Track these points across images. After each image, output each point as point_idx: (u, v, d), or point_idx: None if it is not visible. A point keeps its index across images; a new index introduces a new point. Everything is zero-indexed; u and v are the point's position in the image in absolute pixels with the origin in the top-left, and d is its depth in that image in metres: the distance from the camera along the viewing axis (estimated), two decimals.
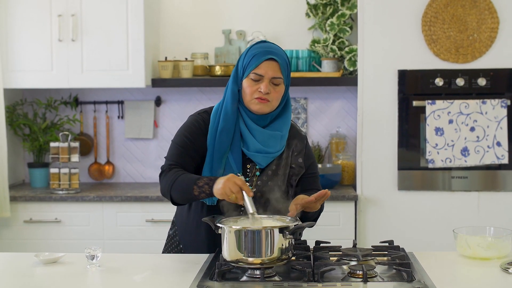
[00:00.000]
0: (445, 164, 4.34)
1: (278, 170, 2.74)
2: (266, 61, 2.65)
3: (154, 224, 4.41)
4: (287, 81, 2.72)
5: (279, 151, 2.74)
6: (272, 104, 2.69)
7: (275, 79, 2.66)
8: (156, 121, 5.00)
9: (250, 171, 2.74)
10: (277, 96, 2.69)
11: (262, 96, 2.66)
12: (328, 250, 2.63)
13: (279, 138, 2.73)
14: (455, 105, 4.33)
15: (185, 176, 2.61)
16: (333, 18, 4.69)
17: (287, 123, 2.76)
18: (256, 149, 2.70)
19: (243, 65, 2.69)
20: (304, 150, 2.83)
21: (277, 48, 2.71)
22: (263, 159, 2.71)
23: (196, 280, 2.32)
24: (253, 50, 2.69)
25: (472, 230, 2.72)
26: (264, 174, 2.73)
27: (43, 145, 4.83)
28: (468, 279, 2.45)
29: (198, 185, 2.55)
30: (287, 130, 2.76)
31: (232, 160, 2.69)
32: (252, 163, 2.74)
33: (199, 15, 4.95)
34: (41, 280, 2.45)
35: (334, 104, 4.94)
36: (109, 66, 4.59)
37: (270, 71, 2.65)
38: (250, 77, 2.66)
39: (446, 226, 4.25)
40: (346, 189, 4.58)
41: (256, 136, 2.71)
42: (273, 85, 2.67)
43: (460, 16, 4.34)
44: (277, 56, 2.67)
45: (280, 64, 2.66)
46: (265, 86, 2.65)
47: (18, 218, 4.48)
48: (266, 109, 2.69)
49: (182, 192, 2.60)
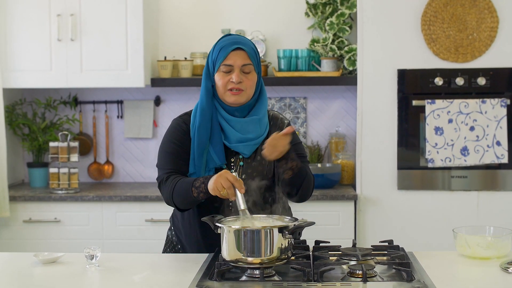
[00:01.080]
0: (444, 164, 4.34)
1: (262, 160, 2.74)
2: (234, 51, 2.69)
3: (153, 224, 4.41)
4: (258, 69, 2.75)
5: (261, 135, 2.74)
6: (247, 92, 2.72)
7: (245, 67, 2.69)
8: (155, 121, 5.00)
9: (235, 164, 2.75)
10: (250, 84, 2.71)
11: (235, 86, 2.68)
12: (327, 249, 2.62)
13: (257, 122, 2.74)
14: (455, 105, 4.32)
15: (182, 181, 2.64)
16: (333, 18, 4.68)
17: (263, 107, 2.77)
18: (237, 139, 2.72)
19: (212, 59, 2.73)
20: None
21: (242, 38, 2.75)
22: (245, 148, 2.73)
23: (196, 280, 2.31)
24: (219, 43, 2.73)
25: (471, 229, 2.72)
26: (249, 165, 2.74)
27: (42, 145, 4.82)
28: (468, 278, 2.45)
29: (195, 186, 2.59)
30: (263, 113, 2.77)
31: (214, 152, 2.71)
32: (236, 155, 2.75)
33: (198, 14, 4.94)
34: (40, 280, 2.45)
35: (333, 103, 4.94)
36: (108, 66, 4.58)
37: (239, 59, 2.69)
38: (221, 69, 2.70)
39: (445, 226, 4.25)
40: (345, 188, 4.58)
41: (234, 126, 2.73)
42: (244, 74, 2.70)
43: (459, 15, 4.34)
44: (244, 45, 2.71)
45: (248, 52, 2.70)
46: (236, 76, 2.68)
47: (18, 218, 4.48)
48: (241, 99, 2.72)
49: (183, 197, 2.63)
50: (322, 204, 4.37)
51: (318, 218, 4.16)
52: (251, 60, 2.70)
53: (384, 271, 2.43)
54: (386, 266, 2.46)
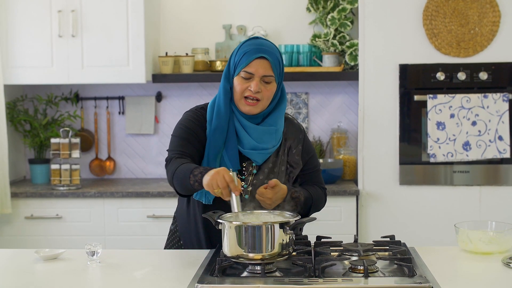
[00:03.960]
0: (446, 159, 4.33)
1: (274, 167, 2.72)
2: (257, 59, 2.62)
3: (155, 220, 4.41)
4: (279, 79, 2.68)
5: (275, 146, 2.71)
6: (262, 103, 2.66)
7: (266, 77, 2.63)
8: (157, 117, 5.00)
9: (246, 169, 2.72)
10: (268, 94, 2.65)
11: (252, 95, 2.62)
12: (329, 245, 2.62)
13: (273, 133, 2.70)
14: (457, 99, 4.32)
15: (185, 165, 2.54)
16: (334, 13, 4.67)
17: (280, 117, 2.73)
18: (251, 146, 2.67)
19: (234, 62, 2.66)
20: (302, 145, 2.78)
21: (269, 45, 2.67)
22: (258, 155, 2.68)
23: (197, 276, 2.31)
24: (244, 47, 2.65)
25: (473, 224, 2.71)
26: (261, 172, 2.71)
27: (44, 141, 4.82)
28: (470, 273, 2.44)
29: (193, 173, 2.49)
30: (281, 124, 2.73)
31: (227, 158, 2.67)
32: (248, 161, 2.71)
33: (200, 10, 4.94)
34: (42, 277, 2.45)
35: (335, 98, 4.93)
36: (109, 62, 4.58)
37: (261, 69, 2.62)
38: (241, 75, 2.63)
39: (447, 221, 4.24)
40: (347, 184, 4.58)
41: (250, 133, 2.68)
42: (264, 84, 2.64)
43: (461, 9, 4.33)
44: (269, 54, 2.63)
45: (271, 62, 2.63)
46: (255, 85, 2.62)
47: (19, 214, 4.48)
48: (256, 110, 2.66)
49: (181, 181, 2.54)
50: None
51: (319, 213, 4.13)
52: (273, 71, 2.63)
53: (385, 267, 2.42)
54: (387, 262, 2.46)
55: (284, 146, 2.76)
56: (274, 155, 2.73)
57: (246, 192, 2.70)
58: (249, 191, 2.69)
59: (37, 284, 2.37)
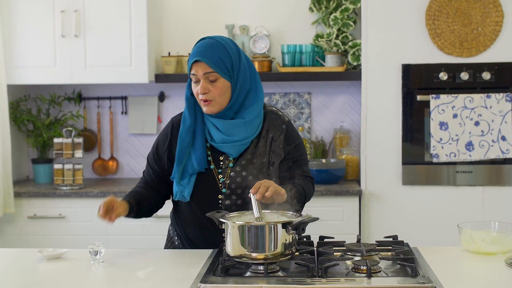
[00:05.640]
0: (449, 159, 4.33)
1: (253, 159, 2.73)
2: (195, 63, 2.67)
3: (158, 220, 4.41)
4: (231, 73, 2.68)
5: (248, 138, 2.72)
6: (217, 101, 2.68)
7: (208, 75, 2.66)
8: (159, 117, 5.00)
9: (224, 162, 2.74)
10: (218, 92, 2.67)
11: (202, 98, 2.68)
12: (332, 245, 2.62)
13: (242, 125, 2.71)
14: (460, 100, 4.31)
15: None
16: (337, 13, 4.67)
17: (253, 110, 2.73)
18: (221, 140, 2.72)
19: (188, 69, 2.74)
20: (284, 135, 2.75)
21: (209, 44, 2.67)
22: (231, 148, 2.72)
23: (200, 276, 2.31)
24: (191, 51, 2.72)
25: (476, 224, 2.71)
26: (238, 164, 2.73)
27: (46, 141, 4.83)
28: (473, 274, 2.44)
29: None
30: (255, 115, 2.73)
31: (194, 157, 2.73)
32: (224, 155, 2.74)
33: (202, 10, 4.94)
34: (45, 276, 2.45)
35: (338, 98, 4.93)
36: (112, 62, 4.58)
37: (200, 69, 2.66)
38: (192, 79, 2.72)
39: (450, 221, 4.24)
40: (350, 184, 4.57)
41: (219, 128, 2.72)
42: (210, 82, 2.67)
43: (464, 9, 4.32)
44: (204, 55, 2.64)
45: (208, 62, 2.64)
46: (201, 87, 2.67)
47: (22, 214, 4.48)
48: (213, 109, 2.70)
49: None
50: (327, 200, 4.37)
51: (322, 213, 4.16)
52: (214, 68, 2.64)
53: (388, 267, 2.42)
54: (390, 262, 2.46)
55: (266, 137, 2.75)
56: (253, 146, 2.74)
57: (224, 185, 2.72)
58: (227, 184, 2.72)
59: (40, 283, 2.38)
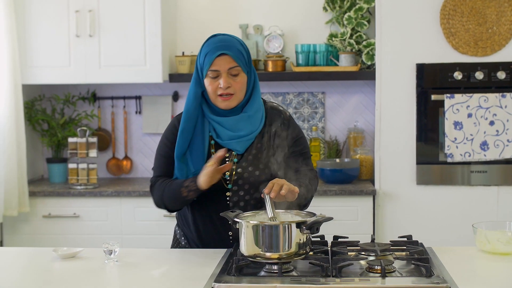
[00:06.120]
0: (464, 159, 4.31)
1: (258, 154, 2.74)
2: (218, 57, 2.67)
3: (172, 219, 4.41)
4: (248, 68, 2.73)
5: (253, 132, 2.73)
6: (237, 96, 2.71)
7: (232, 70, 2.68)
8: (173, 116, 5.00)
9: (229, 159, 2.74)
10: (240, 86, 2.70)
11: (224, 92, 2.68)
12: (346, 245, 2.62)
13: (247, 119, 2.73)
14: (474, 99, 4.29)
15: (171, 183, 2.72)
16: (351, 12, 4.66)
17: (254, 103, 2.75)
18: (228, 137, 2.73)
19: (200, 65, 2.72)
20: (286, 129, 2.78)
21: (227, 39, 2.72)
22: (238, 144, 2.73)
23: (214, 275, 2.32)
24: (204, 48, 2.71)
25: (491, 225, 2.70)
26: (244, 159, 2.74)
27: (61, 141, 4.85)
28: (488, 274, 2.43)
29: (184, 185, 2.65)
30: (256, 108, 2.75)
31: (190, 160, 2.73)
32: (230, 151, 2.75)
33: (216, 9, 4.94)
34: (59, 275, 2.46)
35: (352, 98, 4.92)
36: (126, 62, 4.60)
37: (224, 64, 2.67)
38: (209, 75, 2.69)
39: (465, 221, 4.21)
40: (364, 183, 4.57)
41: (224, 125, 2.73)
42: (232, 77, 2.69)
43: (479, 8, 4.30)
44: (228, 48, 2.68)
45: (233, 55, 2.67)
46: (224, 81, 2.67)
47: (37, 213, 4.51)
48: (232, 104, 2.72)
49: (173, 198, 2.71)
50: (341, 199, 4.36)
51: (336, 213, 4.16)
52: (238, 62, 2.68)
53: (403, 267, 2.42)
54: (405, 262, 2.45)
55: (269, 132, 2.77)
56: (258, 141, 2.75)
57: (229, 181, 2.73)
58: (234, 180, 2.73)
59: (55, 282, 2.38)
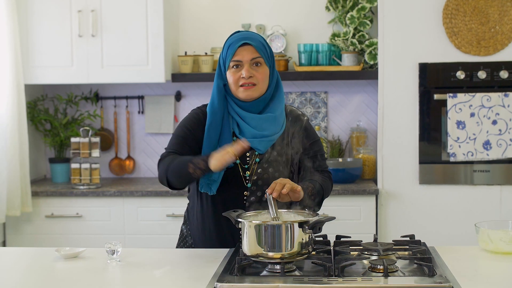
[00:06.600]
0: (466, 158, 4.31)
1: (278, 156, 2.74)
2: (241, 47, 2.69)
3: (174, 219, 4.42)
4: (270, 62, 2.74)
5: (276, 133, 2.73)
6: (259, 87, 2.70)
7: (255, 59, 2.69)
8: (176, 116, 5.01)
9: (250, 158, 2.74)
10: (262, 77, 2.70)
11: (246, 81, 2.68)
12: (348, 244, 2.61)
13: (272, 120, 2.72)
14: (477, 98, 4.29)
15: (181, 158, 2.62)
16: (353, 12, 4.66)
17: (279, 105, 2.76)
18: (252, 135, 2.71)
19: (223, 58, 2.74)
20: (303, 131, 2.79)
21: (250, 33, 2.75)
22: (260, 143, 2.71)
23: (216, 275, 2.31)
24: (228, 41, 2.74)
25: (494, 224, 2.70)
26: (264, 160, 2.73)
27: (64, 141, 4.85)
28: (490, 273, 2.43)
29: (193, 162, 2.54)
30: (280, 110, 2.75)
31: None
32: (252, 150, 2.73)
33: (219, 9, 4.94)
34: (62, 275, 2.46)
35: (354, 98, 4.92)
36: (129, 61, 4.60)
37: (247, 54, 2.68)
38: (231, 66, 2.70)
39: (468, 220, 4.22)
40: (367, 183, 4.56)
41: (249, 122, 2.72)
42: (255, 67, 2.69)
43: (481, 8, 4.30)
44: (251, 39, 2.70)
45: (255, 46, 2.69)
46: (246, 70, 2.67)
47: (40, 213, 4.51)
48: (254, 94, 2.71)
49: (178, 171, 2.59)
50: (343, 199, 4.36)
51: (339, 212, 4.16)
52: (260, 53, 2.70)
53: (405, 266, 2.42)
54: (407, 261, 2.45)
55: (288, 134, 2.77)
56: (279, 143, 2.74)
57: (249, 181, 2.73)
58: (253, 180, 2.72)
59: (58, 282, 2.39)
